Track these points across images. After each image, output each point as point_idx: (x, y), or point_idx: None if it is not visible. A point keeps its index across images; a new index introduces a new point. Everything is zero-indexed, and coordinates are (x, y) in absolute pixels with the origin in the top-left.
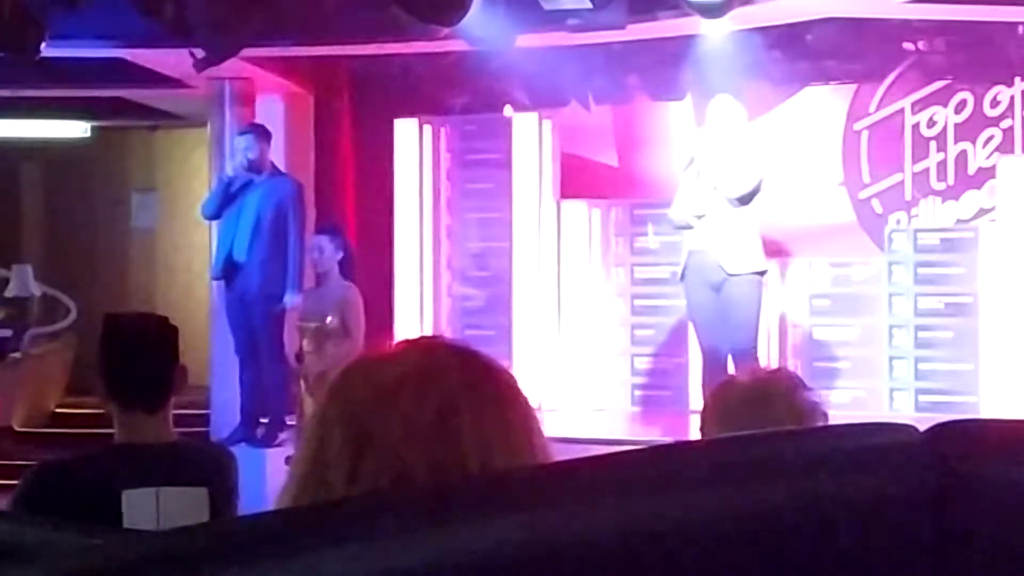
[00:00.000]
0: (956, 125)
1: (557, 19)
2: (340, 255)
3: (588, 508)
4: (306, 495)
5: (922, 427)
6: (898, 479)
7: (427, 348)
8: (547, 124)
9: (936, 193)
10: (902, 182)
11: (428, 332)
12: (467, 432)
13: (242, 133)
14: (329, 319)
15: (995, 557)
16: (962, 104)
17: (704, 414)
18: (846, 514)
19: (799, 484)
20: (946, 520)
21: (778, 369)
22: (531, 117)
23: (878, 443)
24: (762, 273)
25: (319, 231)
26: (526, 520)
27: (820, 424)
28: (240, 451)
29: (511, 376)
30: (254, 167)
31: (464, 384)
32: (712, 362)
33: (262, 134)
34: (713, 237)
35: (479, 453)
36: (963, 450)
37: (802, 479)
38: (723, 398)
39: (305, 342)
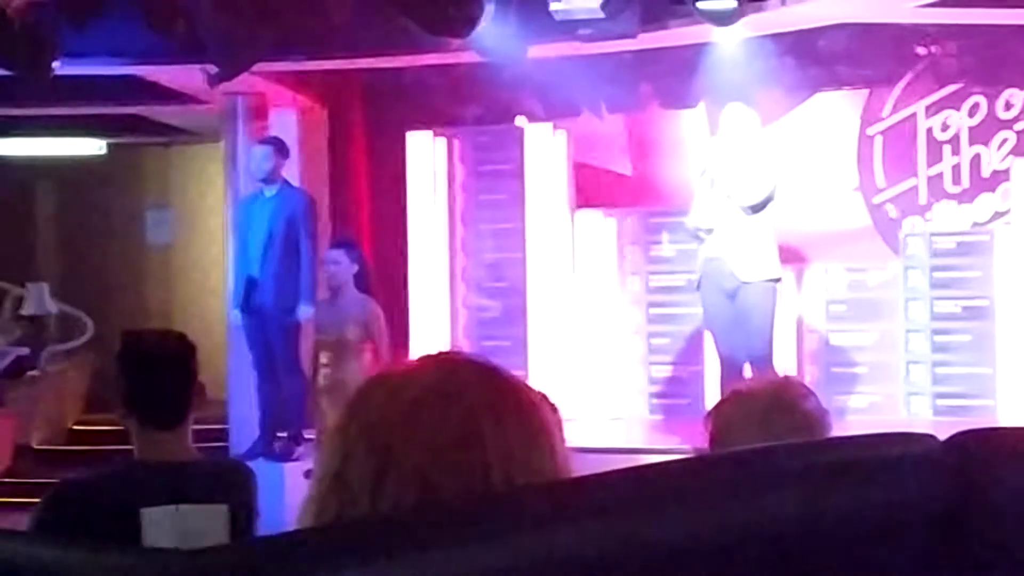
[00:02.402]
0: (970, 128)
1: (568, 29)
2: (355, 268)
3: (608, 523)
4: (330, 511)
5: (940, 431)
6: (918, 489)
7: (447, 363)
8: (560, 134)
9: (951, 197)
10: (916, 186)
11: (444, 344)
12: (490, 448)
13: (261, 143)
14: (349, 333)
15: (1016, 565)
16: (975, 107)
17: (714, 425)
18: (867, 524)
19: (819, 495)
20: (966, 529)
21: (786, 378)
22: (544, 127)
23: (898, 454)
24: (776, 280)
25: (335, 244)
26: (549, 536)
27: (827, 432)
28: (259, 465)
29: (532, 390)
30: (267, 179)
31: (486, 400)
32: (729, 369)
33: (280, 148)
34: (728, 245)
35: (502, 468)
36: (981, 459)
37: (822, 490)
38: (733, 409)
39: (323, 355)
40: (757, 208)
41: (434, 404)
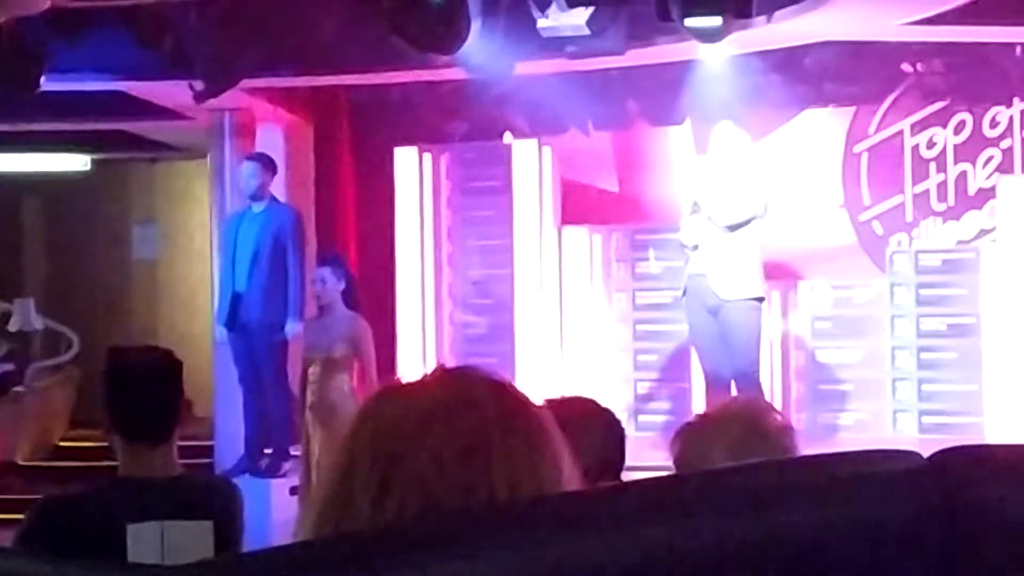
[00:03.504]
0: (956, 146)
1: (555, 46)
2: (343, 285)
3: (609, 536)
4: (330, 520)
5: (926, 449)
6: (902, 506)
7: (460, 378)
8: (547, 150)
9: (937, 214)
10: (902, 204)
11: (431, 361)
12: (496, 464)
13: (249, 159)
14: (337, 350)
15: None
16: (961, 125)
17: (679, 448)
18: (851, 541)
19: (804, 512)
20: (950, 546)
21: (752, 399)
22: (531, 144)
23: (882, 471)
24: (759, 300)
25: (321, 262)
26: (552, 549)
27: (793, 451)
28: (244, 482)
29: (543, 410)
30: (255, 195)
31: (496, 416)
32: (714, 386)
33: (268, 164)
34: (710, 262)
35: (507, 483)
36: (966, 476)
37: (807, 507)
38: (699, 431)
39: (312, 372)
40: (734, 228)
41: (442, 417)
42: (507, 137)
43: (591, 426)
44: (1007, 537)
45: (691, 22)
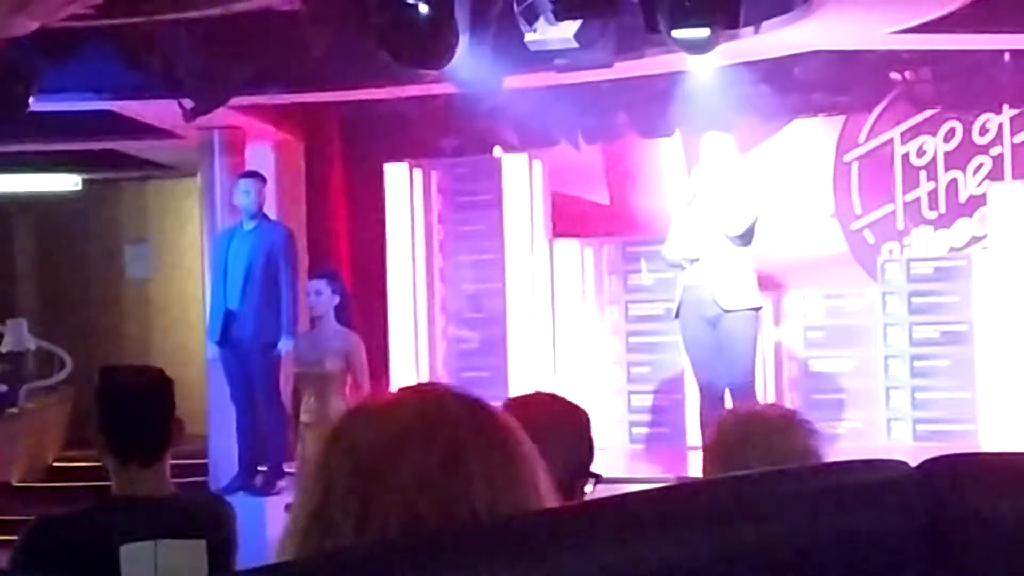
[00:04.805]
0: (946, 154)
1: (544, 59)
2: (337, 300)
3: (593, 550)
4: (311, 543)
5: (921, 457)
6: (891, 515)
7: (431, 394)
8: (537, 164)
9: (928, 222)
10: (893, 212)
11: (424, 375)
12: (476, 478)
13: (245, 176)
14: (329, 365)
15: None
16: (951, 133)
17: (706, 450)
18: (842, 551)
19: (795, 522)
20: (938, 554)
21: (774, 405)
22: (521, 157)
23: (871, 480)
24: (757, 309)
25: (317, 275)
26: (535, 564)
27: (816, 458)
28: (239, 500)
29: (514, 422)
30: (254, 213)
31: (471, 430)
32: (709, 397)
33: (264, 181)
34: (708, 273)
35: (488, 499)
36: (953, 485)
37: (798, 517)
38: (722, 434)
39: (306, 389)
40: (744, 238)
41: (419, 434)
42: (497, 151)
43: (558, 424)
44: (995, 545)
45: (679, 34)
